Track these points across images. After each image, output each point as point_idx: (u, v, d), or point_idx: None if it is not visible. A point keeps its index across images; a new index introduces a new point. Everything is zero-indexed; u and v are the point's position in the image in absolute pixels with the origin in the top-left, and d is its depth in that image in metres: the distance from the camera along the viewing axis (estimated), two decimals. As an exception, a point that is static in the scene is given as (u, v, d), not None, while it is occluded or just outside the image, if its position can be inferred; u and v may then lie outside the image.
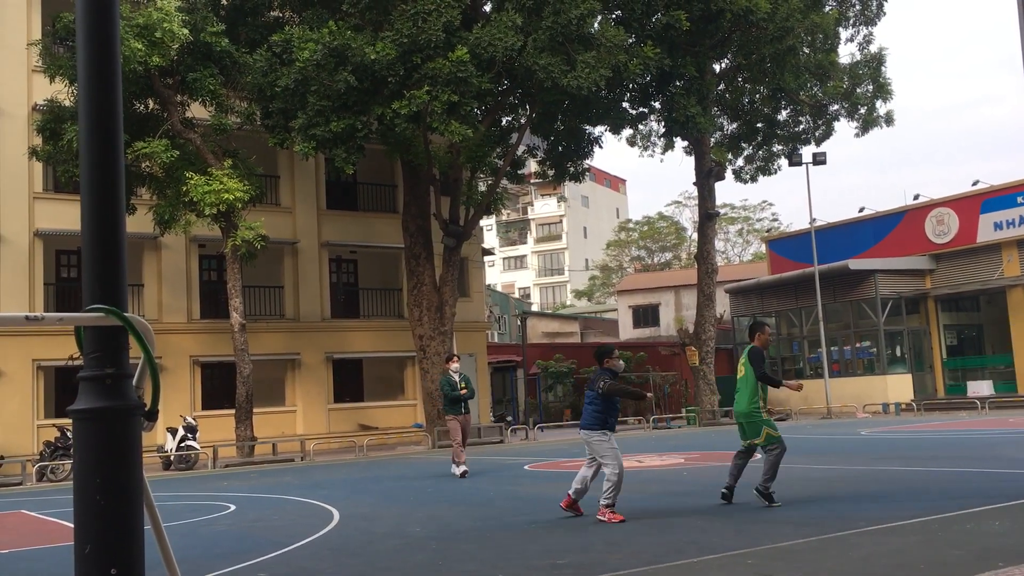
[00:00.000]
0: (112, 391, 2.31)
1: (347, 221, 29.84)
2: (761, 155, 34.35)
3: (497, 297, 56.46)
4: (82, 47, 2.55)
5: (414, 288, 25.73)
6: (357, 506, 11.45)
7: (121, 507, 2.27)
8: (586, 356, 38.06)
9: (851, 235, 37.61)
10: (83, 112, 2.52)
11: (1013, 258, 32.88)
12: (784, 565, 6.09)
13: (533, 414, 34.71)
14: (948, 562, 5.82)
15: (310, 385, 28.20)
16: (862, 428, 23.04)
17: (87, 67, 2.51)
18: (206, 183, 21.43)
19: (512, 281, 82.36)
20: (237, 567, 7.30)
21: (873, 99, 32.23)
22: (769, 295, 39.07)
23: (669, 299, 51.12)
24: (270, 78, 21.63)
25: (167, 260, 26.44)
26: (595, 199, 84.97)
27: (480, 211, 26.82)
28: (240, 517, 11.05)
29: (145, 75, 21.58)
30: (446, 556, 7.30)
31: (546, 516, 9.40)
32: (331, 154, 22.35)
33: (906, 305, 35.21)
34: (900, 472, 12.01)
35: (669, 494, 10.84)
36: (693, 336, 32.01)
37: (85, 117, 2.51)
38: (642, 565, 6.33)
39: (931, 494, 9.26)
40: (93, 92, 2.49)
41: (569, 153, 28.79)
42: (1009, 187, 33.23)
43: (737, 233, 72.84)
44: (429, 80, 20.91)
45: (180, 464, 21.28)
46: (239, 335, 22.99)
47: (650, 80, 26.89)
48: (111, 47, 2.55)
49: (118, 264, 2.43)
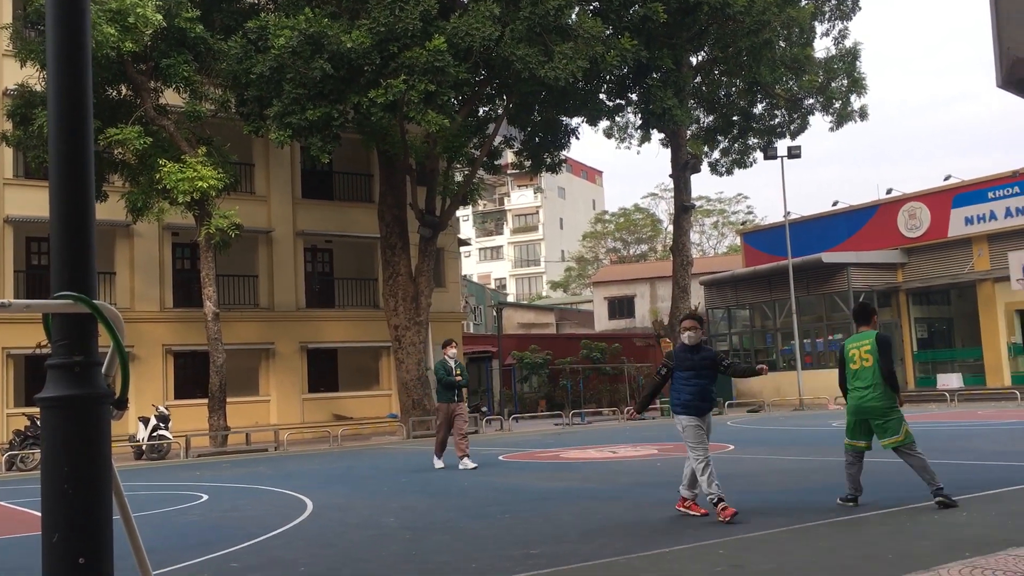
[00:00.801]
0: (81, 379, 2.29)
1: (322, 210, 29.69)
2: (737, 148, 34.51)
3: (473, 288, 56.44)
4: (51, 31, 2.51)
5: (390, 278, 25.65)
6: (331, 496, 11.42)
7: (89, 496, 2.25)
8: (561, 347, 38.15)
9: (825, 228, 37.90)
10: (52, 98, 2.49)
11: (983, 252, 33.27)
12: (755, 555, 6.14)
13: (508, 405, 34.75)
14: (916, 553, 5.90)
15: (284, 375, 28.07)
16: (833, 420, 23.25)
17: (56, 52, 2.48)
18: (179, 170, 21.23)
19: (488, 272, 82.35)
20: (209, 557, 7.27)
21: (848, 93, 32.49)
22: (743, 287, 39.31)
23: (644, 291, 51.32)
24: (245, 65, 21.44)
25: (139, 248, 26.20)
26: (572, 190, 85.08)
27: (456, 201, 26.77)
28: (213, 507, 10.99)
29: (118, 61, 21.32)
30: (420, 547, 7.30)
31: (520, 507, 9.42)
32: (307, 143, 22.21)
33: (878, 298, 35.52)
34: (870, 464, 12.10)
35: (643, 484, 10.90)
36: (668, 328, 32.15)
37: (54, 103, 2.47)
38: (615, 555, 6.37)
39: (900, 485, 9.36)
40: (62, 77, 2.45)
41: (546, 144, 28.79)
42: (980, 182, 33.62)
43: (712, 226, 73.21)
44: (406, 69, 20.81)
45: (152, 454, 21.12)
46: (213, 324, 22.83)
47: (627, 72, 26.92)
48: (81, 31, 2.52)
49: (87, 251, 2.40)
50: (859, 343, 8.40)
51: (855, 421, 8.30)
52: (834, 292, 35.33)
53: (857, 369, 8.28)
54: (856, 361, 8.32)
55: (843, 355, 8.54)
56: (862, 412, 8.20)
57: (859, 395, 8.20)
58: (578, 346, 37.31)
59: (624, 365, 36.25)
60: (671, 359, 8.29)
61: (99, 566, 2.24)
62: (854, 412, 8.29)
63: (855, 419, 8.29)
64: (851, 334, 9.20)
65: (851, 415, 8.35)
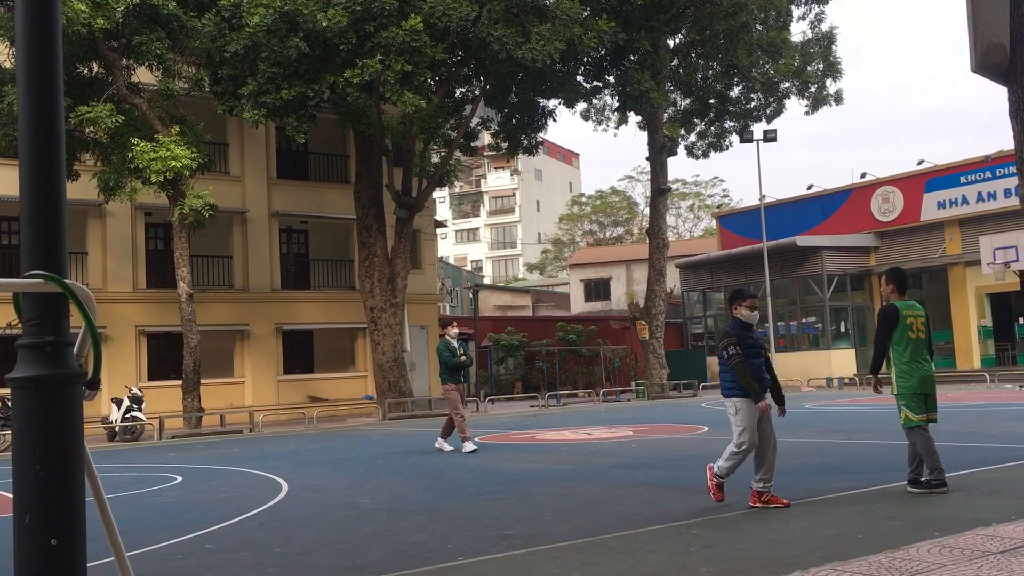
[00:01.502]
0: (52, 359, 2.26)
1: (298, 191, 29.50)
2: (713, 131, 34.61)
3: (449, 269, 56.35)
4: (20, 7, 2.47)
5: (366, 259, 25.56)
6: (306, 478, 11.41)
7: (61, 477, 2.23)
8: (537, 329, 38.23)
9: (799, 212, 38.17)
10: (22, 75, 2.45)
11: (955, 236, 33.65)
12: (728, 535, 6.21)
13: (484, 387, 34.81)
14: (886, 532, 5.98)
15: (259, 356, 27.94)
16: (806, 402, 23.50)
17: (25, 28, 2.44)
18: (152, 150, 20.99)
19: (464, 254, 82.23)
20: (183, 538, 7.24)
21: (823, 77, 32.66)
22: (719, 270, 39.54)
23: (620, 273, 51.47)
24: (219, 43, 21.20)
25: (112, 228, 25.92)
26: (548, 172, 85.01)
27: (433, 183, 26.67)
28: (187, 488, 10.95)
29: (89, 37, 20.99)
30: (396, 528, 7.31)
31: (496, 488, 9.46)
32: (282, 122, 22.02)
33: (851, 281, 35.89)
34: (842, 445, 12.29)
35: (618, 466, 10.97)
36: (644, 310, 32.30)
37: (24, 80, 2.44)
38: (590, 535, 6.41)
39: (871, 466, 9.49)
40: (32, 54, 2.41)
41: (523, 126, 28.73)
42: (953, 167, 33.95)
43: (688, 209, 73.45)
44: (382, 49, 20.66)
45: (125, 435, 21.00)
46: (186, 305, 22.67)
47: (604, 54, 26.87)
48: (51, 8, 2.48)
49: (58, 230, 2.37)
50: (915, 312, 7.82)
51: (923, 394, 7.66)
52: (808, 275, 35.63)
53: (916, 339, 7.71)
54: (914, 330, 7.72)
55: (897, 321, 7.74)
56: (929, 384, 7.70)
57: (926, 367, 7.71)
58: (554, 328, 37.41)
59: (600, 347, 36.38)
60: (732, 338, 7.49)
61: (71, 547, 2.23)
62: (920, 385, 7.66)
63: (922, 392, 7.66)
64: (823, 317, 8.98)
65: (918, 388, 7.65)
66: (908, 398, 7.68)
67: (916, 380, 7.66)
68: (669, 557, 5.57)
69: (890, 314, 7.78)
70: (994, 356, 33.42)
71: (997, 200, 32.24)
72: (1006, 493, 7.39)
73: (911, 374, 7.68)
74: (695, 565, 5.30)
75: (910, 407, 7.67)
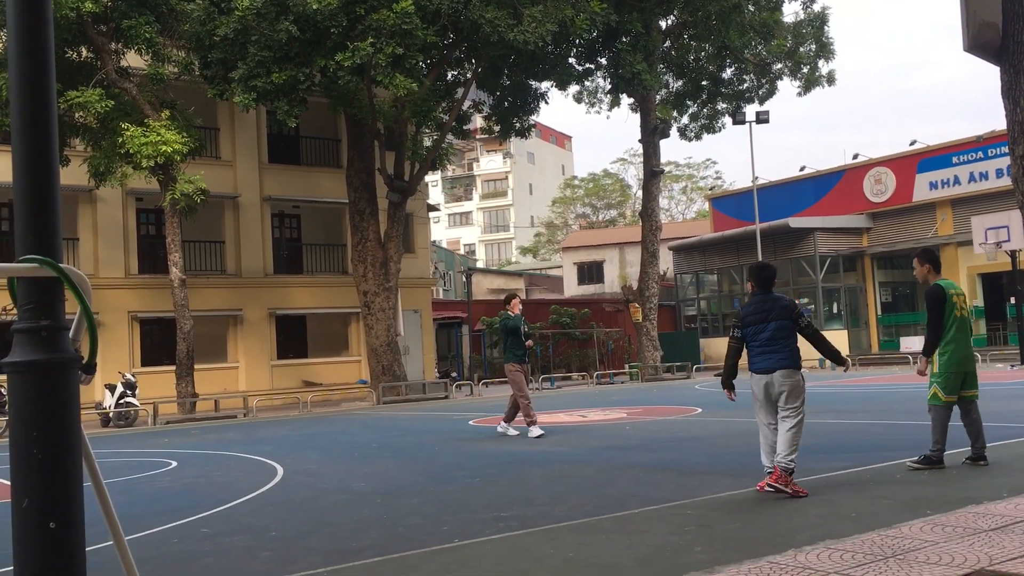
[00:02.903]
0: (48, 343, 2.26)
1: (290, 175, 29.40)
2: (705, 113, 34.57)
3: (442, 253, 56.32)
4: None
5: (358, 244, 25.52)
6: (301, 462, 11.43)
7: (59, 460, 2.24)
8: (531, 312, 38.24)
9: (792, 193, 38.20)
10: (13, 60, 2.43)
11: (947, 217, 33.73)
12: (722, 515, 6.25)
13: (478, 370, 34.86)
14: (878, 510, 6.02)
15: (253, 341, 27.92)
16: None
17: (16, 12, 2.42)
18: (143, 135, 20.89)
19: (457, 237, 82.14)
20: (179, 523, 7.26)
21: (815, 58, 32.59)
22: (712, 252, 39.58)
23: (613, 256, 51.50)
24: (208, 27, 21.06)
25: (103, 213, 25.82)
26: (541, 155, 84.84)
27: (425, 166, 26.61)
28: (181, 473, 10.97)
29: (77, 21, 20.84)
30: (391, 511, 7.34)
31: (490, 471, 9.49)
32: (273, 106, 21.92)
33: (843, 263, 35.98)
34: (834, 425, 12.36)
35: (612, 448, 11.01)
36: (637, 293, 32.33)
37: (15, 65, 2.42)
38: (585, 517, 6.44)
39: (864, 446, 9.54)
40: (23, 39, 2.40)
41: (515, 109, 28.64)
42: (945, 147, 33.99)
43: (681, 191, 73.45)
44: (373, 32, 20.55)
45: (119, 421, 21.00)
46: (179, 290, 22.62)
47: (596, 36, 26.79)
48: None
49: (52, 215, 2.37)
50: (957, 291, 7.73)
51: (960, 373, 7.63)
52: (801, 256, 35.69)
53: (961, 317, 7.64)
54: (960, 308, 7.64)
55: (945, 301, 7.64)
56: (970, 362, 7.70)
57: (965, 347, 7.64)
58: (547, 311, 37.44)
59: (593, 330, 36.44)
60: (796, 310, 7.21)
61: (70, 530, 2.23)
62: (961, 364, 7.61)
63: (960, 371, 7.62)
64: (816, 298, 8.95)
65: (956, 368, 7.60)
66: (945, 376, 7.65)
67: (957, 359, 7.62)
68: (664, 538, 5.60)
69: (939, 295, 7.70)
70: (986, 336, 33.57)
71: (989, 180, 32.30)
72: (997, 471, 7.44)
73: (953, 353, 7.63)
74: (690, 545, 5.33)
75: (943, 387, 7.64)
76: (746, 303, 7.43)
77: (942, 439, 7.62)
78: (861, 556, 4.69)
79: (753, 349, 7.18)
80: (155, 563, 5.80)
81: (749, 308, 7.31)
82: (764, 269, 7.46)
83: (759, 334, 7.12)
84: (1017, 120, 6.92)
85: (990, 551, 4.63)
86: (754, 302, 7.30)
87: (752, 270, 7.54)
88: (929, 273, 7.98)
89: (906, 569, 4.37)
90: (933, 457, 7.64)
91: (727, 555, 4.94)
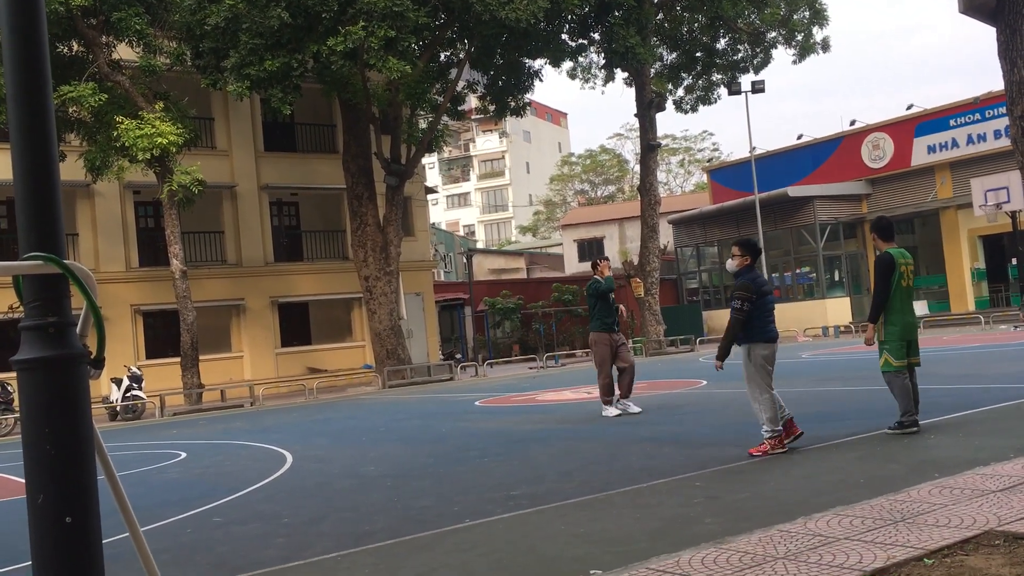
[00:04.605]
0: (56, 340, 2.27)
1: (286, 163, 29.34)
2: (701, 85, 34.41)
3: (442, 235, 56.29)
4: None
5: (358, 229, 25.50)
6: (310, 448, 11.48)
7: (72, 455, 2.25)
8: (532, 291, 38.28)
9: (790, 162, 38.09)
10: (7, 54, 2.43)
11: (946, 180, 33.64)
12: (730, 486, 6.28)
13: (482, 351, 34.93)
14: (886, 476, 6.05)
15: (256, 330, 27.97)
16: (803, 351, 23.64)
17: (9, 8, 2.42)
18: (137, 127, 20.84)
19: (456, 219, 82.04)
20: (191, 513, 7.31)
21: (809, 25, 32.38)
22: (711, 224, 39.54)
23: (613, 232, 51.44)
24: (199, 16, 20.95)
25: (101, 208, 25.80)
26: (537, 134, 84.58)
27: (422, 149, 26.53)
28: (192, 464, 11.02)
29: (67, 15, 20.75)
30: (401, 493, 7.38)
31: (498, 450, 9.53)
32: (267, 94, 21.86)
33: (844, 230, 35.93)
34: (840, 392, 12.39)
35: (618, 423, 11.05)
36: (638, 268, 32.31)
37: (9, 59, 2.42)
38: (594, 492, 6.48)
39: (869, 412, 9.57)
40: (18, 34, 2.39)
41: (509, 87, 28.52)
42: (942, 110, 33.85)
43: (679, 164, 73.25)
44: (364, 15, 20.45)
45: (127, 414, 21.07)
46: (180, 282, 22.64)
47: (589, 11, 26.62)
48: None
49: (53, 210, 2.37)
50: (906, 260, 7.87)
51: (907, 341, 7.81)
52: (801, 225, 35.65)
53: (906, 287, 7.83)
54: (906, 278, 7.83)
55: (895, 269, 7.80)
56: (912, 331, 7.88)
57: (910, 315, 7.85)
58: (549, 290, 37.47)
59: (595, 306, 36.42)
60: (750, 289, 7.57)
61: (86, 524, 2.25)
62: (905, 331, 7.80)
63: (907, 339, 7.81)
64: (817, 267, 8.98)
65: (903, 335, 7.79)
66: (892, 344, 7.83)
67: (900, 328, 7.80)
68: (674, 510, 5.64)
69: (888, 262, 7.84)
70: (988, 298, 33.57)
71: (987, 142, 32.20)
72: (1003, 433, 7.47)
73: (897, 322, 7.80)
74: (700, 516, 5.36)
75: (892, 353, 7.83)
76: (753, 275, 7.69)
77: (907, 403, 7.77)
78: (871, 521, 4.72)
79: (762, 319, 7.58)
80: (171, 553, 5.84)
81: (761, 280, 7.70)
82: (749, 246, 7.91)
83: (768, 304, 7.62)
84: (1014, 80, 6.90)
85: (998, 512, 4.66)
86: (756, 274, 7.75)
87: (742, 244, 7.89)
88: (878, 241, 8.09)
89: (916, 532, 4.40)
90: (905, 422, 7.78)
91: (738, 525, 4.98)
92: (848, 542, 4.36)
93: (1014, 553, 3.95)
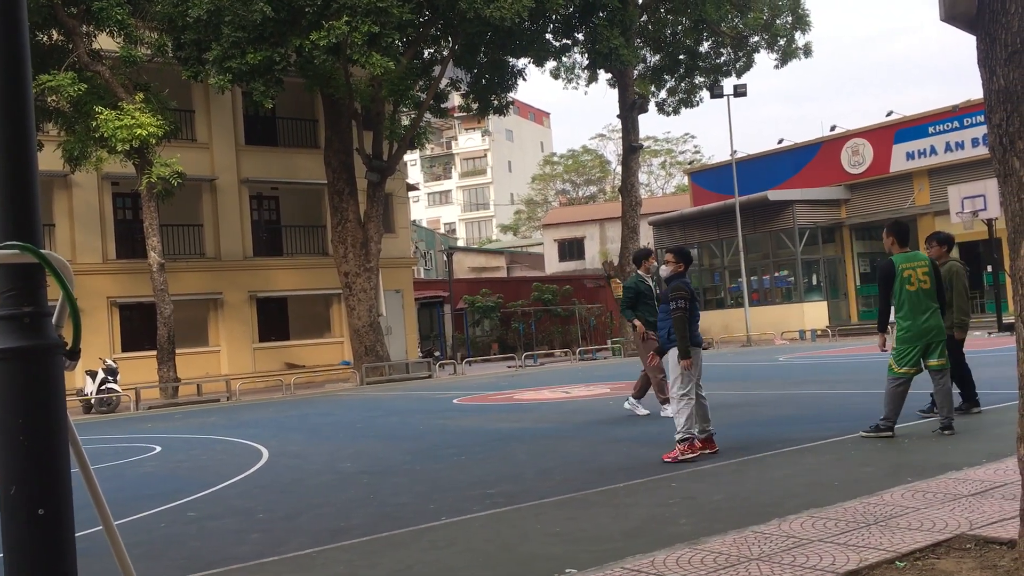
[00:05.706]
0: (31, 330, 2.24)
1: (267, 157, 29.19)
2: (683, 87, 34.54)
3: (422, 233, 56.19)
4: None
5: (338, 225, 25.41)
6: (286, 444, 11.43)
7: (46, 447, 2.22)
8: (512, 290, 38.29)
9: (770, 166, 38.27)
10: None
11: (924, 187, 33.92)
12: (706, 487, 6.31)
13: (461, 349, 34.90)
14: (860, 478, 6.10)
15: (234, 324, 27.81)
16: (780, 355, 23.78)
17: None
18: (117, 118, 20.66)
19: (437, 216, 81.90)
20: (166, 507, 7.26)
21: (792, 30, 32.59)
22: (692, 227, 39.67)
23: (594, 232, 51.53)
24: (181, 8, 20.82)
25: (79, 198, 25.57)
26: (519, 133, 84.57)
27: (404, 146, 26.48)
28: (166, 458, 10.95)
29: (47, 3, 20.56)
30: (378, 490, 7.36)
31: (476, 448, 9.53)
32: (249, 88, 21.73)
33: (822, 234, 36.16)
34: (816, 395, 12.47)
35: (596, 423, 11.07)
36: (618, 269, 32.39)
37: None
38: (571, 491, 6.48)
39: (845, 416, 9.64)
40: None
41: (493, 86, 28.51)
42: (921, 117, 34.13)
43: (660, 166, 73.46)
44: (348, 10, 20.38)
45: (101, 407, 20.91)
46: (158, 275, 22.47)
47: (573, 11, 26.66)
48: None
49: (30, 199, 2.34)
50: (913, 264, 7.81)
51: (918, 346, 7.74)
52: (780, 229, 35.83)
53: (915, 291, 7.72)
54: (912, 283, 7.72)
55: (894, 276, 7.78)
56: (927, 335, 7.74)
57: (922, 320, 7.71)
58: (529, 289, 37.48)
59: (575, 307, 36.53)
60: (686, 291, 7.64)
61: (59, 516, 2.23)
62: (917, 336, 7.72)
63: (915, 344, 7.74)
64: (795, 270, 9.00)
65: (915, 341, 7.73)
66: (897, 348, 7.89)
67: (909, 333, 7.78)
68: (650, 510, 5.65)
69: (886, 270, 7.89)
70: (963, 305, 33.82)
71: (965, 150, 32.47)
72: (976, 438, 7.55)
73: (905, 328, 7.82)
74: (675, 517, 5.38)
75: (896, 357, 7.88)
76: (686, 280, 7.87)
77: (891, 410, 7.81)
78: (844, 524, 4.75)
79: (691, 324, 7.71)
80: (144, 547, 5.79)
81: (691, 286, 7.91)
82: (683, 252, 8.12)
83: (696, 311, 7.81)
84: (993, 89, 6.96)
85: (970, 516, 4.70)
86: (688, 281, 7.91)
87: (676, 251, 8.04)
88: (893, 246, 8.10)
89: (888, 535, 4.44)
90: (881, 426, 7.83)
91: (712, 525, 5.00)
92: (822, 544, 4.39)
93: (985, 557, 3.99)
